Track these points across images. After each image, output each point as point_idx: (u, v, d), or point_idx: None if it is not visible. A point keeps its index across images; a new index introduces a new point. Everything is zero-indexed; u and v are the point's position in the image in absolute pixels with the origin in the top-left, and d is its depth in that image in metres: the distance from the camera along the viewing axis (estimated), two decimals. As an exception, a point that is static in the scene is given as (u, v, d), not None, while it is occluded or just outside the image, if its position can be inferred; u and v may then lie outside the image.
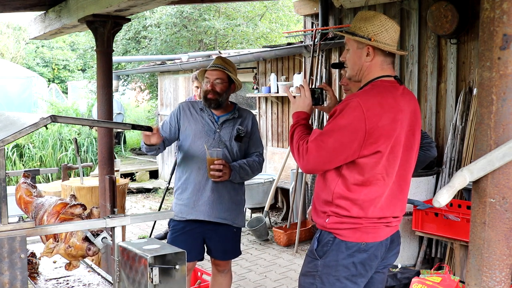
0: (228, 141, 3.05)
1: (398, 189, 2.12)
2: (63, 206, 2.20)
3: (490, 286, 1.47)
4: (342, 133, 1.98)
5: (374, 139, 1.97)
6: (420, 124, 2.20)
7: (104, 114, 3.81)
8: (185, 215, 3.07)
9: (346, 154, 2.00)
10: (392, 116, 2.00)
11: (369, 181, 2.02)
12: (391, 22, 2.09)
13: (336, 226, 2.08)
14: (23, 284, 1.77)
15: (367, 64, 2.11)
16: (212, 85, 3.03)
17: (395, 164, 2.06)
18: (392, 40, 2.09)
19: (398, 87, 2.11)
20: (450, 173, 4.47)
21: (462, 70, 4.54)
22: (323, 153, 2.00)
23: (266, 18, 14.43)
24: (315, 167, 2.06)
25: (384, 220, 2.09)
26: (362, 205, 2.03)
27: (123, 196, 4.70)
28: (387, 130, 1.99)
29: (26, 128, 1.80)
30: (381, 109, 1.99)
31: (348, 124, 1.98)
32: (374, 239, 2.08)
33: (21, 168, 9.86)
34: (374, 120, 1.96)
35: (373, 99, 2.01)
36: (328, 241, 2.10)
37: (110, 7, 3.26)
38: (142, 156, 12.03)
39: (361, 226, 2.05)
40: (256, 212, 6.35)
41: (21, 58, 21.54)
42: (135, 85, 14.28)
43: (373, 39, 2.06)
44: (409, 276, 3.64)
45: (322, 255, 2.10)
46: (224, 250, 3.16)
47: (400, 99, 2.07)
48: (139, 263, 1.75)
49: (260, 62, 7.09)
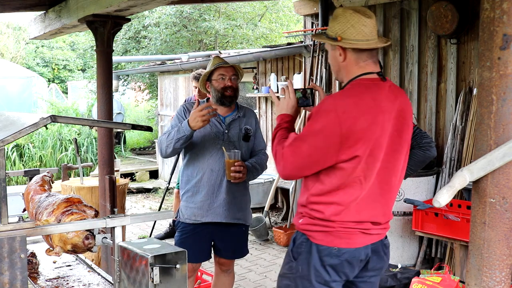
0: (237, 141, 3.03)
1: (379, 192, 1.98)
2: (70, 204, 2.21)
3: (490, 286, 1.47)
4: (316, 138, 1.88)
5: (352, 143, 1.86)
6: (410, 123, 2.05)
7: (104, 114, 3.81)
8: (200, 218, 3.01)
9: (322, 160, 1.90)
10: (370, 118, 1.88)
11: (345, 184, 1.92)
12: (358, 16, 1.93)
13: (308, 228, 1.99)
14: (23, 284, 1.77)
15: (343, 64, 2.00)
16: (230, 81, 3.00)
17: (374, 167, 1.93)
18: (362, 34, 1.94)
19: (381, 85, 1.97)
20: (450, 173, 4.47)
21: (462, 70, 4.54)
22: (298, 159, 1.91)
23: (266, 18, 14.43)
24: (291, 173, 1.96)
25: (361, 225, 1.96)
26: (336, 208, 1.93)
27: (123, 196, 4.70)
28: (365, 134, 1.87)
29: (26, 128, 1.80)
30: (358, 111, 1.87)
31: (322, 128, 1.87)
32: (347, 245, 1.95)
33: (21, 168, 9.86)
34: (350, 123, 1.85)
35: (349, 100, 1.90)
36: (301, 242, 2.01)
37: (110, 7, 3.26)
38: (142, 156, 12.03)
39: (333, 230, 1.94)
40: (256, 212, 6.35)
41: (21, 58, 21.53)
42: (135, 85, 14.28)
43: (340, 37, 1.94)
44: (409, 276, 3.64)
45: (297, 257, 2.02)
46: (234, 250, 3.15)
47: (382, 99, 1.94)
48: (140, 262, 1.75)
49: (260, 62, 7.09)
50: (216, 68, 3.02)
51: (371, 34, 1.96)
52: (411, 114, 2.08)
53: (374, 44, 1.97)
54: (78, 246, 2.08)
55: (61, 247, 2.09)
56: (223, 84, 3.00)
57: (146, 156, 11.99)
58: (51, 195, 2.41)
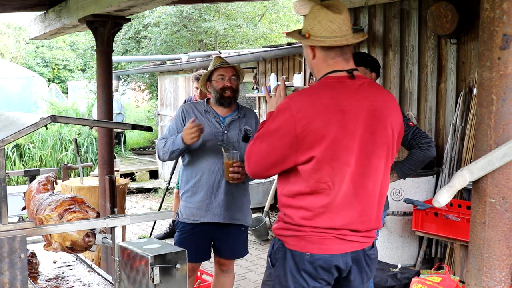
0: (236, 142, 3.02)
1: (354, 199, 1.87)
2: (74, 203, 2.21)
3: (490, 286, 1.47)
4: (273, 137, 1.83)
5: (308, 144, 1.79)
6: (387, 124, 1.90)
7: (104, 114, 3.81)
8: (198, 218, 3.01)
9: (281, 160, 1.84)
10: (327, 118, 1.79)
11: (314, 189, 1.84)
12: (324, 12, 1.84)
13: (281, 233, 1.94)
14: (23, 284, 1.77)
15: (313, 62, 1.94)
16: (230, 81, 3.00)
17: (343, 171, 1.83)
18: (329, 31, 1.84)
19: (348, 83, 1.87)
20: (450, 173, 4.47)
21: (462, 70, 4.54)
22: (259, 158, 1.88)
23: (266, 18, 14.43)
24: (254, 171, 1.92)
25: (335, 231, 1.86)
26: (304, 213, 1.86)
27: (123, 196, 4.70)
28: (321, 134, 1.79)
29: (26, 128, 1.80)
30: (313, 111, 1.79)
31: (279, 127, 1.82)
32: (320, 250, 1.86)
33: (21, 168, 9.86)
34: (305, 123, 1.78)
35: (306, 99, 1.82)
36: (278, 248, 1.96)
37: (110, 7, 3.26)
38: (142, 156, 12.03)
39: (305, 235, 1.87)
40: (256, 212, 6.35)
41: (21, 58, 21.53)
42: (135, 85, 14.28)
43: (308, 34, 1.87)
44: (409, 276, 3.64)
45: (274, 263, 1.96)
46: (233, 250, 3.15)
47: (344, 98, 1.83)
48: (140, 262, 1.75)
49: (260, 62, 7.09)
50: (216, 68, 3.02)
51: (340, 30, 1.85)
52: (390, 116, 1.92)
53: (344, 41, 1.86)
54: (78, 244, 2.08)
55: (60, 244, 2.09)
56: (222, 85, 3.00)
57: (146, 156, 11.99)
58: (55, 194, 2.42)
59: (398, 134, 1.98)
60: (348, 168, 1.84)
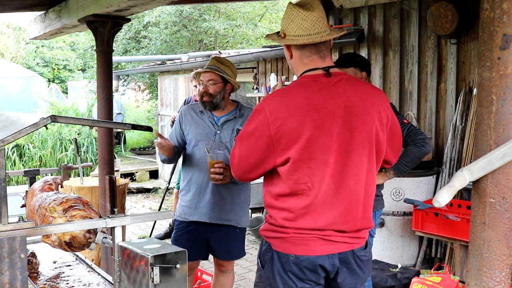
0: (229, 142, 3.04)
1: (336, 199, 1.83)
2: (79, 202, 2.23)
3: (490, 286, 1.47)
4: (250, 139, 1.85)
5: (283, 145, 1.79)
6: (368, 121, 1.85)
7: (104, 114, 3.81)
8: (188, 216, 3.09)
9: (260, 162, 1.85)
10: (301, 118, 1.77)
11: (294, 190, 1.82)
12: (296, 10, 1.83)
13: (267, 234, 1.94)
14: (23, 284, 1.77)
15: (291, 62, 1.93)
16: (205, 87, 3.04)
17: (321, 171, 1.80)
18: (302, 29, 1.82)
19: (323, 81, 1.84)
20: (450, 173, 4.47)
21: (462, 70, 4.54)
22: (240, 160, 1.89)
23: (266, 18, 14.44)
24: (237, 174, 1.95)
25: (319, 232, 1.84)
26: (287, 215, 1.85)
27: (123, 196, 4.70)
28: (295, 134, 1.77)
29: (26, 128, 1.80)
30: (287, 112, 1.78)
31: (254, 129, 1.83)
32: (304, 252, 1.84)
33: (21, 168, 9.86)
34: (278, 124, 1.78)
35: (279, 100, 1.82)
36: (266, 249, 1.95)
37: (110, 7, 3.27)
38: (142, 156, 12.03)
39: (288, 236, 1.86)
40: (256, 212, 6.35)
41: (21, 58, 21.52)
42: (135, 85, 14.28)
43: (284, 34, 1.85)
44: (409, 276, 3.64)
45: (264, 264, 1.96)
46: (227, 251, 3.16)
47: (318, 97, 1.80)
48: (140, 262, 1.75)
49: (260, 62, 7.09)
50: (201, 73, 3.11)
51: (314, 28, 1.82)
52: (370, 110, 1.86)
53: (318, 38, 1.82)
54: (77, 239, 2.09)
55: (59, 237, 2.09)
56: (200, 90, 3.08)
57: (146, 156, 12.00)
58: (60, 193, 2.43)
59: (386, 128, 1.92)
60: (327, 168, 1.81)
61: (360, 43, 5.22)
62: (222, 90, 3.05)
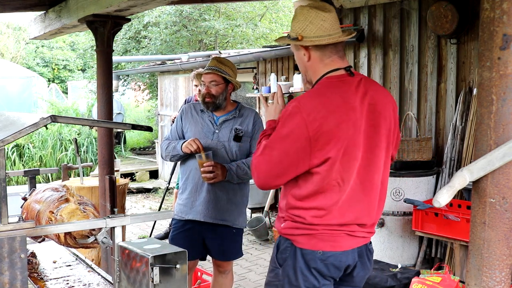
0: (226, 142, 3.05)
1: (361, 193, 1.89)
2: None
3: (490, 286, 1.47)
4: (285, 143, 1.80)
5: (322, 145, 1.79)
6: (387, 116, 1.94)
7: (104, 114, 3.81)
8: (184, 215, 3.11)
9: (294, 165, 1.82)
10: (340, 117, 1.80)
11: (323, 188, 1.84)
12: (315, 12, 1.87)
13: (291, 232, 1.92)
14: (23, 284, 1.77)
15: (309, 64, 1.94)
16: (207, 88, 3.05)
17: (351, 167, 1.85)
18: (322, 30, 1.87)
19: (349, 80, 1.90)
20: (450, 173, 4.47)
21: (462, 70, 4.54)
22: (271, 166, 1.83)
23: (266, 18, 14.43)
24: (266, 182, 1.88)
25: (346, 228, 1.89)
26: (316, 213, 1.86)
27: (123, 196, 4.70)
28: (336, 134, 1.79)
29: (26, 128, 1.80)
30: (326, 111, 1.79)
31: (290, 132, 1.80)
32: (332, 248, 1.88)
33: (21, 168, 9.86)
34: (317, 124, 1.78)
35: (315, 101, 1.82)
36: (286, 247, 1.94)
37: (110, 7, 3.26)
38: (142, 156, 12.03)
39: (317, 233, 1.87)
40: (256, 212, 6.35)
41: (21, 58, 21.52)
42: (135, 85, 14.28)
43: (301, 36, 1.87)
44: (409, 276, 3.64)
45: (282, 263, 1.94)
46: (223, 251, 3.16)
47: (351, 95, 1.86)
48: (140, 262, 1.75)
49: (260, 62, 7.09)
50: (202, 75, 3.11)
51: (332, 28, 1.88)
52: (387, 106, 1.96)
53: (338, 38, 1.89)
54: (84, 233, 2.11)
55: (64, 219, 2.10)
56: (202, 91, 3.08)
57: (146, 156, 12.00)
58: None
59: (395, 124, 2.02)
60: (356, 163, 1.86)
61: (360, 43, 5.23)
62: (224, 91, 3.07)
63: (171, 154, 3.10)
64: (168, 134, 3.23)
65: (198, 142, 2.93)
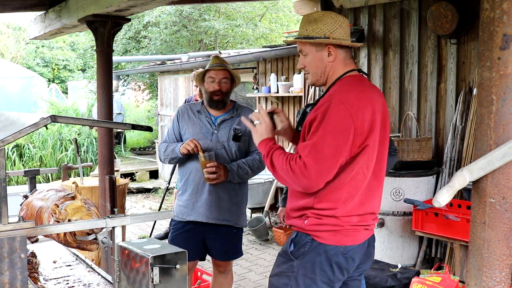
0: (226, 142, 3.03)
1: (376, 183, 2.06)
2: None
3: (490, 286, 1.47)
4: (334, 136, 1.88)
5: (362, 134, 1.93)
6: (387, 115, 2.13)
7: (104, 114, 3.81)
8: (185, 216, 3.08)
9: (343, 157, 1.91)
10: (371, 108, 1.97)
11: (351, 177, 1.95)
12: (342, 17, 2.08)
13: (315, 228, 1.99)
14: (23, 284, 1.77)
15: (330, 64, 2.06)
16: (219, 84, 3.01)
17: (374, 157, 2.01)
18: (347, 34, 2.07)
19: (365, 80, 2.11)
20: (450, 173, 4.47)
21: (462, 70, 4.54)
22: (323, 162, 1.87)
23: (266, 18, 14.43)
24: (318, 180, 1.89)
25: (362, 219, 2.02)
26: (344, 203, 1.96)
27: (123, 196, 4.70)
28: (371, 123, 1.96)
29: (26, 128, 1.80)
30: (362, 103, 1.94)
31: (337, 125, 1.89)
32: (353, 242, 2.02)
33: (21, 168, 9.86)
34: (359, 115, 1.92)
35: (352, 94, 1.96)
36: (306, 242, 2.01)
37: (110, 7, 3.26)
38: (142, 156, 12.03)
39: (342, 229, 1.98)
40: (256, 212, 6.35)
41: (21, 58, 21.52)
42: (135, 85, 14.27)
43: (331, 37, 2.01)
44: (409, 276, 3.64)
45: (298, 256, 2.02)
46: (224, 251, 3.15)
47: (371, 91, 2.06)
48: (140, 263, 1.75)
49: (260, 62, 7.09)
50: (208, 70, 3.05)
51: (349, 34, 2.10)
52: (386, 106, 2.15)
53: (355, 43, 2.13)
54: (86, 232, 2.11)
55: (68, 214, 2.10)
56: (212, 88, 3.03)
57: (146, 156, 12.00)
58: None
59: None
60: (375, 152, 2.02)
61: (360, 43, 5.22)
62: (231, 88, 3.08)
63: (170, 156, 3.07)
64: (166, 137, 3.20)
65: (196, 141, 2.92)
